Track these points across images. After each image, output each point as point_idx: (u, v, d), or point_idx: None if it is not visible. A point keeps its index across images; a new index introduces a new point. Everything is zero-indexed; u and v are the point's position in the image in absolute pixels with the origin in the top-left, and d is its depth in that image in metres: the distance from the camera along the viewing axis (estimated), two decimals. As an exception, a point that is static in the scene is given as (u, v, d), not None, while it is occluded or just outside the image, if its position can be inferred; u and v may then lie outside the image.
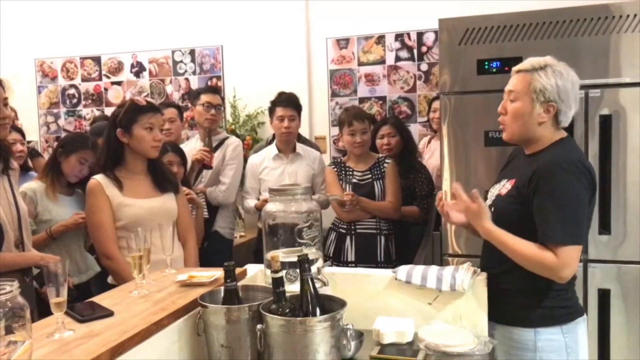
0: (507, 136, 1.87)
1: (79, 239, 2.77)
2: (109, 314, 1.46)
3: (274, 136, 3.84)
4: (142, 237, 1.72)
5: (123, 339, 1.28)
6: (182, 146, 3.21)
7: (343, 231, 3.06)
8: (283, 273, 1.45)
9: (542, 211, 1.71)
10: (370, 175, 3.09)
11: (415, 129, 4.10)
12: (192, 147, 3.37)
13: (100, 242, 2.21)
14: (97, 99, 4.94)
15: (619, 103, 2.42)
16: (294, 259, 1.54)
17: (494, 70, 2.56)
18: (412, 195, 3.26)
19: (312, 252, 1.67)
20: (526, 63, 1.83)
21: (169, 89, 4.73)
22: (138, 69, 4.81)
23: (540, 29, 2.48)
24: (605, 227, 2.43)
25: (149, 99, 2.36)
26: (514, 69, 1.87)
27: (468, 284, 1.79)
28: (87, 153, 2.71)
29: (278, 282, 1.44)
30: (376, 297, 1.90)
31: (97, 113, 4.89)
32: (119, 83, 4.88)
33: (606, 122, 2.42)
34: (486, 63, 2.56)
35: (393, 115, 4.05)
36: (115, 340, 1.27)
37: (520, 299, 1.82)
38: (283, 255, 1.72)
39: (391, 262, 2.95)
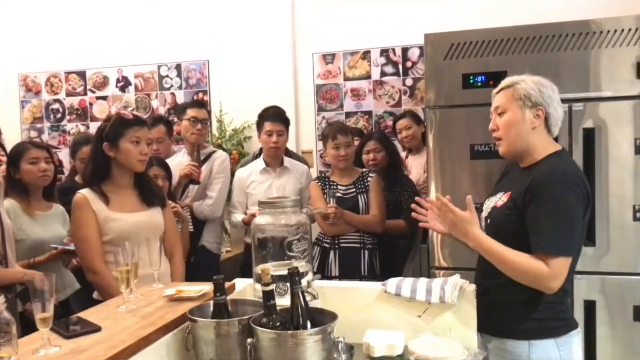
0: (504, 149, 1.87)
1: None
2: (96, 329, 1.44)
3: (260, 150, 3.84)
4: (130, 251, 1.70)
5: (110, 355, 1.26)
6: (168, 160, 3.20)
7: (327, 245, 3.05)
8: (273, 286, 1.44)
9: (535, 221, 1.72)
10: (354, 189, 3.10)
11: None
12: (179, 161, 3.35)
13: (86, 256, 2.18)
14: (82, 113, 4.90)
15: (600, 117, 2.46)
16: (284, 272, 1.54)
17: (479, 84, 2.59)
18: (399, 208, 3.26)
19: (301, 265, 1.66)
20: (504, 82, 1.88)
21: (155, 103, 4.71)
22: (124, 84, 4.79)
23: (524, 44, 2.53)
24: (590, 239, 2.46)
25: (135, 113, 2.34)
26: (494, 90, 1.91)
27: (457, 296, 1.80)
28: (33, 152, 2.63)
29: (269, 295, 1.43)
30: (365, 310, 1.89)
31: (82, 128, 4.86)
32: (104, 98, 4.85)
33: (589, 135, 2.46)
34: (471, 77, 2.60)
35: (378, 130, 4.08)
36: (103, 356, 1.25)
37: (515, 311, 1.81)
38: (273, 268, 1.72)
39: (375, 277, 2.95)
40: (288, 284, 1.50)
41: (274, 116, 3.26)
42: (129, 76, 4.79)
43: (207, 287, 1.78)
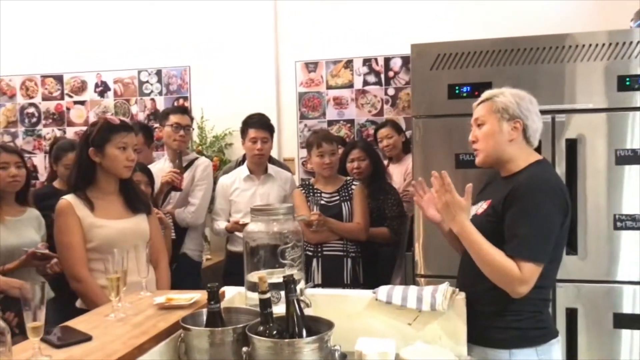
0: (480, 159, 1.92)
1: None
2: (86, 338, 1.41)
3: (244, 157, 3.82)
4: (119, 258, 1.67)
5: (105, 364, 1.23)
6: (149, 167, 3.16)
7: (310, 253, 3.04)
8: (270, 294, 1.43)
9: (512, 226, 1.75)
10: (338, 197, 3.10)
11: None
12: (160, 168, 3.31)
13: (69, 264, 2.13)
14: (59, 118, 4.81)
15: (582, 128, 2.51)
16: (279, 280, 1.53)
17: (465, 94, 2.62)
18: (382, 216, 3.28)
19: (295, 273, 1.65)
20: (483, 95, 1.94)
21: (134, 109, 4.66)
22: (102, 89, 4.72)
23: (508, 56, 2.57)
24: (572, 248, 2.50)
25: (122, 118, 2.31)
26: (475, 103, 1.97)
27: (448, 304, 1.81)
28: (3, 157, 2.54)
29: (265, 304, 1.42)
30: (356, 318, 1.89)
31: (59, 133, 4.77)
32: (82, 102, 4.77)
33: (571, 146, 2.51)
34: (457, 88, 2.63)
35: (362, 139, 4.10)
36: (98, 365, 1.23)
37: (495, 320, 1.83)
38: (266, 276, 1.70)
39: (358, 285, 2.95)
40: (282, 292, 1.49)
41: (258, 123, 3.25)
42: (108, 81, 4.72)
43: (197, 295, 1.76)
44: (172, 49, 4.56)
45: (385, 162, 3.91)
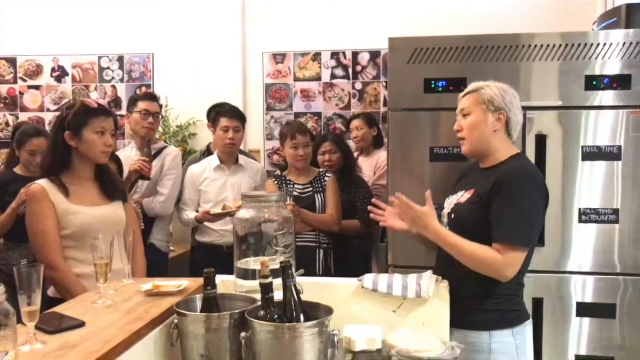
0: (466, 148, 2.01)
1: None
2: (80, 324, 1.36)
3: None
4: (104, 244, 1.63)
5: (107, 349, 1.20)
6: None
7: (283, 244, 3.03)
8: (271, 279, 1.42)
9: (498, 214, 1.84)
10: (311, 189, 3.11)
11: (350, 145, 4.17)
12: (127, 155, 3.23)
13: (43, 251, 2.05)
14: (11, 102, 4.60)
15: (551, 124, 2.61)
16: (276, 265, 1.52)
17: (440, 89, 2.67)
18: (353, 209, 3.30)
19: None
20: (470, 87, 2.03)
21: (94, 95, 4.51)
22: (60, 73, 4.55)
23: (484, 53, 2.63)
24: (539, 240, 2.58)
25: (100, 101, 2.23)
26: (461, 94, 2.05)
27: (432, 291, 1.85)
28: None
29: (267, 288, 1.41)
30: (342, 305, 1.89)
31: (11, 118, 4.56)
32: (36, 87, 4.58)
33: (541, 142, 2.60)
34: (433, 82, 2.67)
35: (332, 132, 4.11)
36: (99, 351, 1.19)
37: (476, 304, 1.92)
38: (254, 262, 1.70)
39: (329, 276, 2.97)
40: (279, 278, 1.49)
41: (231, 112, 3.22)
42: (66, 66, 4.55)
43: (185, 282, 1.74)
44: (135, 35, 4.44)
45: (356, 154, 3.95)
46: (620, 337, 2.58)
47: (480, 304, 1.92)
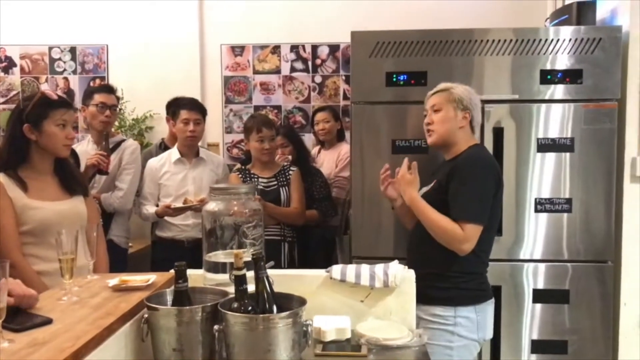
0: (433, 140, 2.20)
1: None
2: (47, 321, 1.33)
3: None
4: (69, 239, 1.59)
5: (80, 345, 1.18)
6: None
7: (247, 238, 3.03)
8: (245, 271, 1.42)
9: (454, 194, 2.08)
10: (275, 182, 3.11)
11: (309, 138, 4.17)
12: (84, 150, 3.13)
13: (1, 248, 1.97)
14: (-46, 94, 4.39)
15: (508, 117, 2.69)
16: (247, 258, 1.52)
17: (401, 82, 2.72)
18: (311, 199, 3.31)
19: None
20: (439, 86, 2.24)
21: (45, 87, 4.34)
22: (7, 64, 4.37)
23: (443, 47, 2.69)
24: (498, 230, 2.68)
25: (59, 93, 2.16)
26: (430, 92, 2.25)
27: (399, 280, 1.89)
28: None
29: (241, 280, 1.41)
30: (310, 296, 1.87)
31: (-46, 110, 4.35)
32: (-19, 78, 4.38)
33: (498, 134, 2.68)
34: (394, 75, 2.72)
35: (283, 125, 4.10)
36: (71, 347, 1.16)
37: (444, 282, 2.12)
38: (224, 256, 1.70)
39: (295, 268, 2.98)
40: (251, 271, 1.49)
41: (191, 104, 3.18)
42: (14, 56, 4.37)
43: (153, 276, 1.71)
44: (88, 26, 4.30)
45: (318, 147, 3.96)
46: (572, 322, 2.70)
47: (447, 282, 2.11)
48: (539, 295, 2.72)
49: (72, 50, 4.35)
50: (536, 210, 2.68)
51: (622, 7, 2.74)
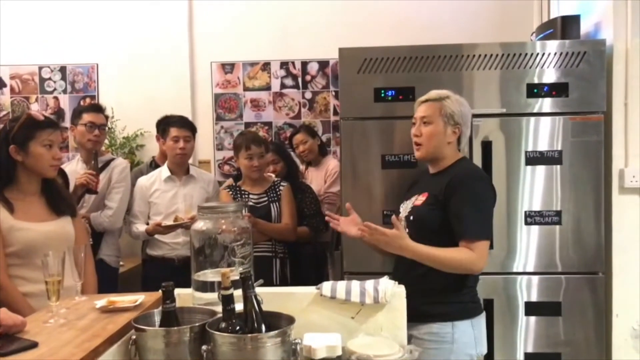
0: (421, 154, 2.15)
1: None
2: (32, 344, 1.31)
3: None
4: (55, 261, 1.58)
5: (65, 369, 1.16)
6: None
7: (239, 255, 3.01)
8: (232, 290, 1.41)
9: (459, 213, 1.99)
10: (266, 198, 3.11)
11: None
12: (73, 169, 3.12)
13: (-14, 270, 1.96)
14: (-57, 115, 4.38)
15: (496, 131, 2.71)
16: (235, 277, 1.51)
17: (390, 98, 2.73)
18: (301, 215, 3.30)
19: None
20: (432, 94, 2.16)
21: (35, 107, 4.34)
22: (-3, 84, 4.36)
23: (430, 63, 2.71)
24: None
25: (46, 114, 2.16)
26: (421, 99, 2.18)
27: (390, 296, 1.88)
28: None
29: (228, 300, 1.40)
30: (301, 314, 1.88)
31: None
32: (-29, 98, 4.38)
33: (487, 147, 2.70)
34: (382, 91, 2.73)
35: (273, 142, 4.10)
36: (56, 371, 1.15)
37: (440, 297, 2.05)
38: (212, 274, 1.69)
39: (287, 285, 2.97)
40: (239, 290, 1.48)
41: (180, 122, 3.18)
42: (4, 76, 4.37)
43: (141, 297, 1.70)
44: (78, 45, 4.32)
45: (303, 166, 3.96)
46: (565, 334, 2.70)
47: (444, 296, 2.05)
48: (532, 308, 2.72)
49: (62, 69, 4.35)
50: (526, 223, 2.69)
51: (605, 21, 2.78)
